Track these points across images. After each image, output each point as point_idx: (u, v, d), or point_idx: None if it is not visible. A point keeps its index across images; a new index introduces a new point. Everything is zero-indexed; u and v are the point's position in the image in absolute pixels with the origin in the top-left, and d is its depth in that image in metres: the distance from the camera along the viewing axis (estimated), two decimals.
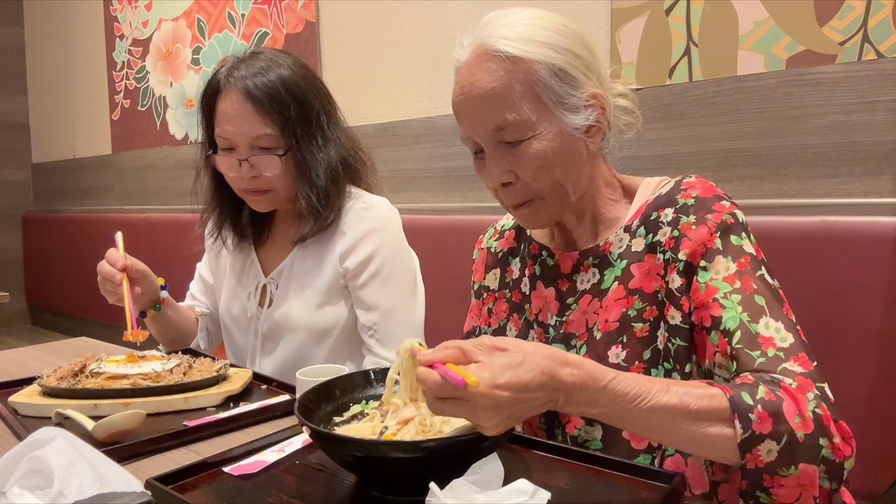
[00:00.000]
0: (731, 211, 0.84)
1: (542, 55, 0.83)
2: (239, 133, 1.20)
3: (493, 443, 0.67)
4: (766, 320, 0.77)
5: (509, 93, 0.83)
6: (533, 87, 0.83)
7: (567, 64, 0.84)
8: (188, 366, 1.11)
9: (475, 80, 0.85)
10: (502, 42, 0.83)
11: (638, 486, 0.71)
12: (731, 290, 0.79)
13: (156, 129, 3.35)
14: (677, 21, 1.59)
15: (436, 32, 2.14)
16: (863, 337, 1.20)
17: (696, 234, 0.83)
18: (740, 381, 0.73)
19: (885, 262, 1.20)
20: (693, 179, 0.91)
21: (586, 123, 0.86)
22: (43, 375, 1.06)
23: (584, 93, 0.85)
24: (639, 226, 0.90)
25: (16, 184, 4.27)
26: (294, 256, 1.31)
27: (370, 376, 0.87)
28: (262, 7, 2.72)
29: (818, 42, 1.40)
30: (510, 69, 0.83)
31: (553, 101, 0.84)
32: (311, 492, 0.73)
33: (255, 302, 1.34)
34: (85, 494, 0.62)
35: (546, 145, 0.84)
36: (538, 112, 0.84)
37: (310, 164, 1.23)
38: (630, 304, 0.87)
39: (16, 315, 4.24)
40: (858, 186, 1.37)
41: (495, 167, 0.87)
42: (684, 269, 0.83)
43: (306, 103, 1.23)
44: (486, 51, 0.84)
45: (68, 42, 3.93)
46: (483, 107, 0.85)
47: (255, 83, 1.19)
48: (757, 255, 0.83)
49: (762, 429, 0.67)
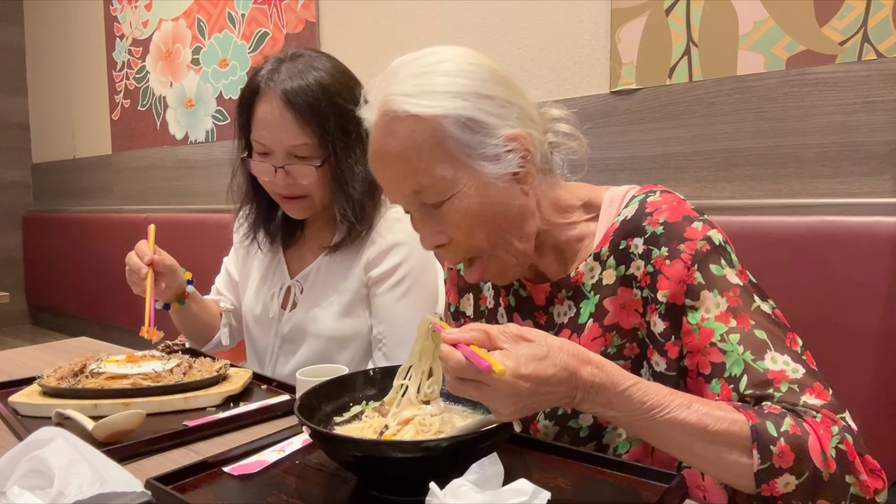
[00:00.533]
0: (705, 234, 0.78)
1: (448, 107, 0.76)
2: (276, 140, 1.18)
3: (493, 443, 0.67)
4: (772, 355, 0.73)
5: (418, 155, 0.77)
6: (443, 144, 0.77)
7: (477, 111, 0.77)
8: (188, 366, 1.11)
9: (382, 145, 0.80)
10: (402, 100, 0.77)
11: (638, 486, 0.71)
12: (728, 330, 0.75)
13: (156, 129, 3.35)
14: (677, 21, 1.59)
15: (436, 32, 2.14)
16: (863, 337, 1.21)
17: (671, 270, 0.78)
18: (768, 410, 0.69)
19: (885, 262, 1.20)
20: (658, 197, 0.84)
21: (508, 171, 0.79)
22: (43, 375, 1.06)
23: (500, 138, 0.78)
24: (608, 255, 0.84)
25: (16, 184, 4.27)
26: (322, 262, 1.30)
27: (370, 376, 0.87)
28: (262, 7, 2.72)
29: (818, 42, 1.40)
30: (416, 128, 0.77)
31: (467, 154, 0.78)
32: (311, 492, 0.73)
33: (279, 303, 1.33)
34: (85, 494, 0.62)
35: (469, 202, 0.78)
36: (454, 169, 0.78)
37: (346, 176, 1.21)
38: (608, 341, 0.84)
39: (16, 315, 4.24)
40: (858, 186, 1.37)
41: (424, 230, 0.83)
42: (667, 311, 0.79)
43: (346, 114, 1.18)
44: (388, 112, 0.79)
45: (68, 42, 3.93)
46: (395, 173, 0.80)
47: (295, 90, 1.16)
48: (743, 280, 0.78)
49: (782, 463, 0.66)
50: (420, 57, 0.81)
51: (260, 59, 1.24)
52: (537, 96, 1.89)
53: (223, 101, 2.95)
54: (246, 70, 2.82)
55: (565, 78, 1.78)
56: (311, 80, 1.18)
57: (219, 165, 3.00)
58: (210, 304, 1.45)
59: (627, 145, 1.67)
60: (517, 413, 0.65)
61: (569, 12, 1.77)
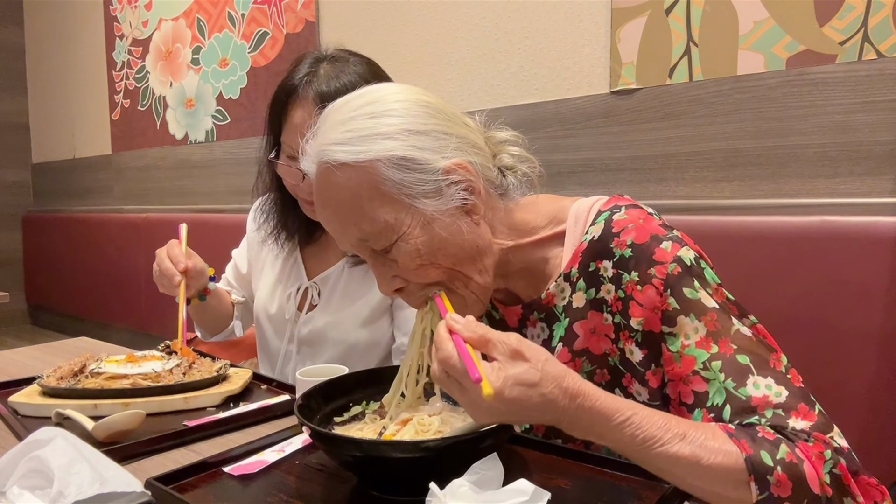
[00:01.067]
0: (675, 255, 0.76)
1: (378, 151, 0.74)
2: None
3: (492, 443, 0.67)
4: (755, 379, 0.71)
5: (358, 203, 0.76)
6: (379, 188, 0.75)
7: (410, 148, 0.75)
8: (188, 366, 1.11)
9: (321, 198, 0.79)
10: (334, 150, 0.76)
11: (638, 486, 0.71)
12: (710, 357, 0.73)
13: (156, 128, 3.35)
14: (677, 21, 1.59)
15: (436, 32, 2.14)
16: (863, 337, 1.20)
17: (644, 297, 0.76)
18: (762, 435, 0.68)
19: (885, 262, 1.20)
20: (623, 215, 0.81)
21: (452, 205, 0.77)
22: (43, 375, 1.06)
23: (437, 172, 0.76)
24: (578, 276, 0.82)
25: (16, 184, 4.27)
26: (344, 268, 1.29)
27: (370, 376, 0.87)
28: (262, 7, 2.72)
29: (818, 42, 1.40)
30: (351, 176, 0.75)
31: (406, 193, 0.75)
32: (311, 492, 0.73)
33: (295, 304, 1.32)
34: (85, 494, 0.62)
35: (415, 242, 0.76)
36: (394, 211, 0.76)
37: None
38: (578, 366, 0.82)
39: (16, 315, 4.24)
40: (858, 186, 1.37)
41: (380, 276, 0.81)
42: (644, 340, 0.77)
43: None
44: (322, 163, 0.77)
45: (68, 42, 3.93)
46: (339, 223, 0.79)
47: (332, 95, 1.11)
48: (719, 299, 0.76)
49: (781, 492, 0.65)
50: (349, 101, 0.80)
51: (296, 55, 1.20)
52: (537, 96, 1.89)
53: (223, 101, 2.95)
54: (246, 70, 2.82)
55: (565, 78, 1.78)
56: (348, 85, 1.14)
57: (219, 165, 3.00)
58: (225, 295, 1.45)
59: (627, 145, 1.67)
60: (494, 422, 0.66)
61: (569, 12, 1.77)
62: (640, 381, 0.78)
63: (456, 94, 2.10)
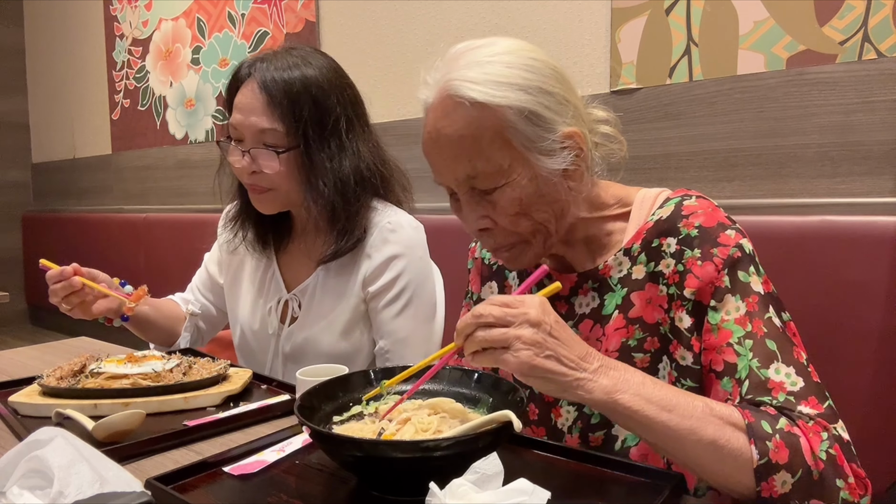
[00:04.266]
0: (738, 242, 0.81)
1: (512, 99, 0.78)
2: (246, 123, 1.16)
3: (493, 443, 0.67)
4: (777, 365, 0.75)
5: (478, 141, 0.79)
6: (503, 133, 0.79)
7: (539, 105, 0.79)
8: (188, 366, 1.11)
9: (441, 127, 0.81)
10: (468, 87, 0.78)
11: (638, 486, 0.71)
12: (745, 335, 0.77)
13: (156, 128, 3.35)
14: (677, 21, 1.59)
15: (436, 32, 2.14)
16: (863, 337, 1.21)
17: (702, 271, 0.80)
18: (763, 409, 0.72)
19: (885, 262, 1.20)
20: (694, 202, 0.86)
21: (562, 167, 0.81)
22: (43, 375, 1.06)
23: (557, 134, 0.80)
24: (640, 251, 0.87)
25: (16, 184, 4.27)
26: (318, 276, 1.27)
27: (370, 376, 0.87)
28: (262, 7, 2.72)
29: (818, 42, 1.40)
30: (478, 116, 0.78)
31: (525, 145, 0.79)
32: (311, 492, 0.73)
33: (277, 317, 1.30)
34: (85, 494, 0.62)
35: (520, 192, 0.81)
36: (510, 158, 0.80)
37: (317, 170, 1.18)
38: (630, 333, 0.86)
39: (16, 315, 4.24)
40: (858, 186, 1.37)
41: (470, 214, 0.84)
42: (693, 308, 0.81)
43: (325, 107, 1.17)
44: (451, 96, 0.79)
45: (68, 42, 3.93)
46: (452, 155, 0.81)
47: (274, 76, 1.16)
48: (765, 289, 0.80)
49: (779, 458, 0.68)
50: (482, 46, 0.82)
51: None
52: None
53: (223, 101, 2.95)
54: None
55: None
56: (295, 71, 1.17)
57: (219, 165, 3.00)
58: (170, 306, 1.40)
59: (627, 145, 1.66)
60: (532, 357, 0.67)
61: (569, 12, 1.77)
62: (685, 346, 0.82)
63: None
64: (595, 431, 0.86)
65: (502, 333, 0.68)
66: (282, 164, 1.17)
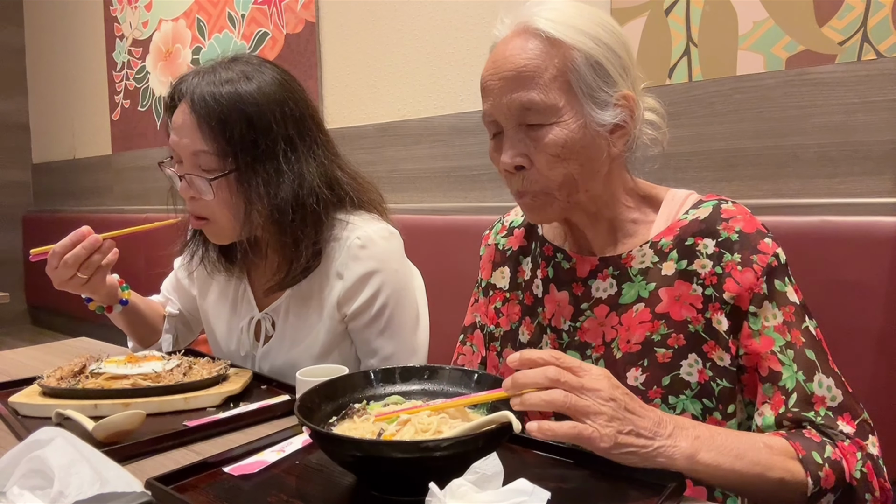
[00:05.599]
0: (775, 251, 0.85)
1: (582, 43, 0.82)
2: (180, 145, 1.09)
3: (493, 443, 0.67)
4: (819, 377, 0.81)
5: (542, 73, 0.82)
6: (566, 73, 0.82)
7: (605, 58, 0.83)
8: (188, 366, 1.11)
9: (510, 55, 0.84)
10: (545, 22, 0.83)
11: (638, 486, 0.71)
12: (785, 344, 0.82)
13: (156, 129, 3.35)
14: (677, 21, 1.59)
15: (436, 32, 2.14)
16: (863, 337, 1.21)
17: (742, 276, 0.83)
18: (809, 436, 0.78)
19: (885, 262, 1.20)
20: (732, 207, 0.89)
21: (613, 122, 0.84)
22: (43, 375, 1.06)
23: (616, 91, 0.84)
24: (671, 248, 0.88)
25: (16, 184, 4.27)
26: (290, 298, 1.20)
27: (370, 376, 0.87)
28: (262, 7, 2.72)
29: (818, 42, 1.40)
30: (548, 50, 0.82)
31: (584, 91, 0.83)
32: (311, 492, 0.73)
33: (250, 338, 1.25)
34: (85, 494, 0.62)
35: (567, 134, 0.83)
36: (566, 99, 0.82)
37: (251, 198, 1.08)
38: (655, 328, 0.87)
39: (16, 315, 4.24)
40: (858, 186, 1.37)
41: (511, 148, 0.85)
42: (731, 312, 0.84)
43: (259, 127, 1.07)
44: (528, 28, 0.84)
45: (68, 42, 3.93)
46: (513, 83, 0.83)
47: (203, 95, 1.07)
48: (799, 298, 0.85)
49: (827, 484, 0.75)
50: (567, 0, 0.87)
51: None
52: None
53: None
54: None
55: None
56: (226, 87, 1.07)
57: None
58: (155, 305, 1.38)
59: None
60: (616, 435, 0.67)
61: None
62: (723, 348, 0.84)
63: (456, 94, 2.10)
64: None
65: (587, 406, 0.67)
66: (214, 190, 1.08)
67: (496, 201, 1.98)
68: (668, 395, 0.85)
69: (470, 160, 2.05)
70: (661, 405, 0.85)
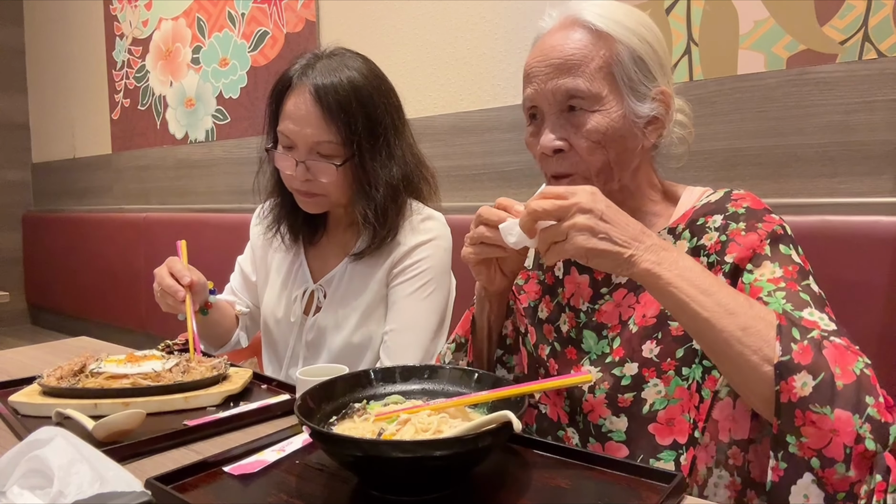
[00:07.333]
0: (781, 223, 0.86)
1: (627, 38, 0.87)
2: (301, 134, 1.18)
3: (493, 443, 0.67)
4: (811, 310, 0.78)
5: (588, 63, 0.86)
6: (611, 65, 0.87)
7: (646, 54, 0.88)
8: (188, 365, 1.11)
9: (558, 44, 0.88)
10: (593, 16, 0.87)
11: (638, 486, 0.71)
12: (776, 289, 0.80)
13: (156, 128, 3.35)
14: (677, 20, 1.59)
15: (436, 32, 2.14)
16: (863, 337, 1.20)
17: (745, 239, 0.84)
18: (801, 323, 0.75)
19: (885, 262, 1.19)
20: (742, 192, 0.92)
21: (650, 114, 0.89)
22: (43, 375, 1.06)
23: (655, 86, 0.89)
24: (684, 229, 0.91)
25: (16, 184, 4.27)
26: (346, 267, 1.30)
27: (370, 376, 0.87)
28: (262, 6, 2.72)
29: (818, 41, 1.40)
30: (595, 42, 0.87)
31: (626, 84, 0.87)
32: (311, 492, 0.73)
33: (301, 307, 1.32)
34: (85, 494, 0.62)
35: (609, 122, 0.87)
36: (609, 89, 0.87)
37: (370, 178, 1.21)
38: None
39: (16, 315, 4.24)
40: (859, 186, 1.37)
41: (552, 132, 0.89)
42: (730, 271, 0.84)
43: (375, 117, 1.20)
44: (576, 19, 0.88)
45: (68, 42, 3.93)
46: (559, 70, 0.87)
47: (326, 86, 1.16)
48: (804, 266, 0.84)
49: (801, 359, 0.68)
50: None
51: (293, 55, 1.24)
52: None
53: (223, 101, 2.95)
54: (246, 69, 2.82)
55: None
56: (344, 79, 1.18)
57: (219, 165, 3.00)
58: (227, 307, 1.43)
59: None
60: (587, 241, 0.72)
61: None
62: None
63: (456, 94, 2.10)
64: (625, 393, 0.88)
65: (557, 227, 0.74)
66: (337, 173, 1.20)
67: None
68: (681, 367, 0.85)
69: (470, 160, 2.05)
70: (675, 377, 0.85)
